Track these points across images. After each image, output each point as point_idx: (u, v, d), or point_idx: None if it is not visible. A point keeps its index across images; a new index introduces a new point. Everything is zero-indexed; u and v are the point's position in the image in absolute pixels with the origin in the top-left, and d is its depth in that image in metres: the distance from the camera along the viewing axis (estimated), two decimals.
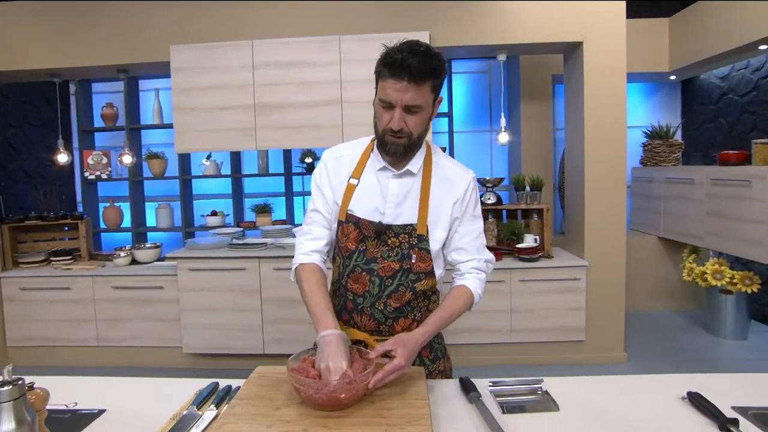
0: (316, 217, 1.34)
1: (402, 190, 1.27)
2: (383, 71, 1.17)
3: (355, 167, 1.31)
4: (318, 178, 1.34)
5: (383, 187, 1.28)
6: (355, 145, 1.36)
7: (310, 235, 1.33)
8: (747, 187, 3.28)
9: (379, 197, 1.28)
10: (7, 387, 0.84)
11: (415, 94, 1.15)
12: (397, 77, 1.13)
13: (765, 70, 3.86)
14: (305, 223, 1.37)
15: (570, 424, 1.07)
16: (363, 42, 3.22)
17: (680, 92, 4.85)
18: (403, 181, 1.28)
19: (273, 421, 1.01)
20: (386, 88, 1.16)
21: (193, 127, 3.30)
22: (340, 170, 1.32)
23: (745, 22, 3.41)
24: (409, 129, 1.19)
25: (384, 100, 1.18)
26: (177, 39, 3.28)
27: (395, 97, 1.15)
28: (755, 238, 3.24)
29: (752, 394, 1.19)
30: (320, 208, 1.33)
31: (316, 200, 1.34)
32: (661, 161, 4.45)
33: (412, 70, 1.11)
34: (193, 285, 3.29)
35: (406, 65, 1.11)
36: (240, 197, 4.58)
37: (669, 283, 4.49)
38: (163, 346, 3.42)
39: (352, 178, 1.30)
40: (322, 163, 1.35)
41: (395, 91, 1.15)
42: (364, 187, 1.29)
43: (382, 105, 1.19)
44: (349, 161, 1.32)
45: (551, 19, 3.18)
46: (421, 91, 1.15)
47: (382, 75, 1.17)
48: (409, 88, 1.14)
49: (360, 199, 1.28)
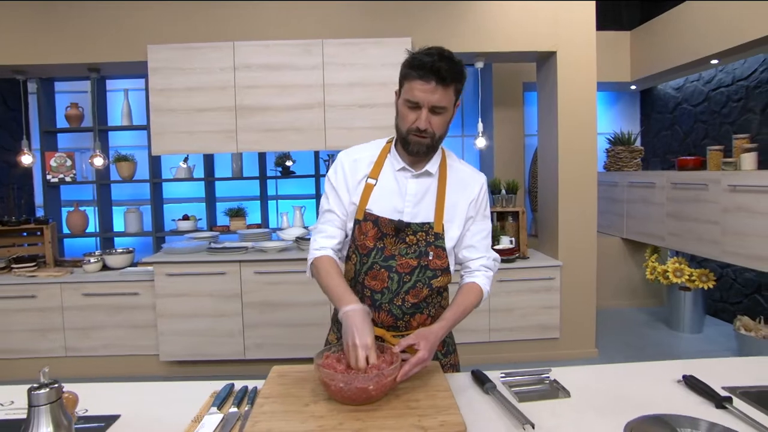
0: (330, 216, 1.36)
1: (420, 190, 1.32)
2: (411, 73, 1.20)
3: (372, 168, 1.34)
4: (333, 179, 1.36)
5: (402, 187, 1.32)
6: (371, 147, 1.39)
7: (324, 233, 1.35)
8: (704, 191, 3.53)
9: (398, 197, 1.31)
10: (44, 390, 0.82)
11: (441, 96, 1.20)
12: (425, 79, 1.18)
13: (715, 83, 4.17)
14: (319, 222, 1.39)
15: (584, 407, 1.14)
16: (346, 46, 3.25)
17: (639, 101, 5.14)
18: (421, 181, 1.32)
19: (305, 417, 1.02)
20: (414, 89, 1.20)
21: (171, 129, 3.22)
22: (357, 171, 1.34)
23: (699, 38, 3.68)
24: (433, 129, 1.24)
25: (411, 101, 1.22)
26: (154, 39, 3.20)
27: (423, 98, 1.19)
28: (711, 237, 3.49)
29: (738, 375, 1.30)
30: (335, 208, 1.35)
31: (331, 200, 1.36)
32: (624, 166, 4.70)
33: (442, 73, 1.17)
34: (171, 290, 3.20)
35: (435, 68, 1.16)
36: (213, 201, 4.49)
37: (632, 281, 4.74)
38: (138, 354, 3.31)
39: (370, 178, 1.33)
40: (339, 164, 1.37)
41: (423, 92, 1.19)
42: (382, 187, 1.32)
43: (408, 105, 1.23)
44: (366, 162, 1.35)
45: (527, 29, 3.32)
46: (447, 94, 1.21)
47: (410, 77, 1.21)
48: (437, 89, 1.18)
49: (379, 198, 1.31)
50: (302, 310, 3.27)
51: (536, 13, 3.32)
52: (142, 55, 3.20)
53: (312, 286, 3.19)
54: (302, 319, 3.28)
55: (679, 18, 3.90)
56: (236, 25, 3.25)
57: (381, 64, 3.25)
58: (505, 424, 1.07)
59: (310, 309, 3.27)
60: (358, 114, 3.30)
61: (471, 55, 3.44)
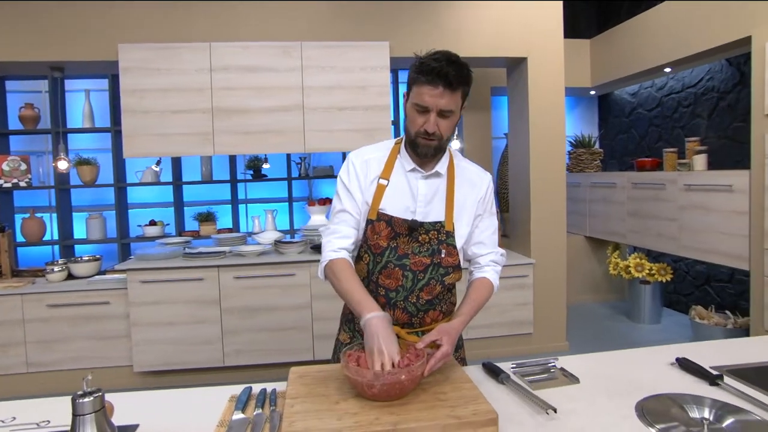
0: (344, 216, 1.37)
1: (430, 190, 1.35)
2: (419, 78, 1.23)
3: (383, 168, 1.36)
4: (346, 179, 1.38)
5: (413, 188, 1.35)
6: (380, 148, 1.41)
7: (338, 233, 1.36)
8: (661, 190, 3.77)
9: (409, 197, 1.34)
10: (89, 398, 0.79)
11: (449, 100, 1.23)
12: (433, 84, 1.20)
13: (666, 89, 4.46)
14: (332, 222, 1.39)
15: (594, 392, 1.22)
16: (325, 49, 3.26)
17: (597, 106, 5.42)
18: (431, 181, 1.36)
19: (339, 414, 1.03)
20: (423, 93, 1.23)
21: (144, 131, 3.11)
22: (369, 172, 1.36)
23: (654, 47, 3.93)
24: (441, 132, 1.27)
25: (420, 105, 1.24)
26: (125, 37, 3.09)
27: (431, 102, 1.22)
28: (669, 234, 3.74)
29: (722, 356, 1.42)
30: (349, 208, 1.36)
31: (344, 201, 1.37)
32: (585, 168, 4.95)
33: (449, 78, 1.20)
34: (146, 298, 3.08)
35: (443, 73, 1.19)
36: (181, 205, 4.36)
37: (594, 277, 4.98)
38: (110, 366, 3.16)
39: (382, 179, 1.35)
40: (350, 165, 1.39)
41: (431, 96, 1.22)
42: (394, 187, 1.35)
43: (417, 110, 1.26)
44: (377, 163, 1.37)
45: (501, 35, 3.44)
46: (454, 98, 1.24)
47: (418, 81, 1.23)
48: (445, 94, 1.21)
49: (391, 198, 1.34)
50: (283, 314, 3.24)
51: (509, 20, 3.45)
52: (112, 54, 3.08)
53: (293, 289, 3.21)
54: (283, 323, 3.24)
55: (635, 28, 4.15)
56: (212, 26, 3.19)
57: (360, 68, 3.28)
58: (527, 411, 1.13)
59: (290, 313, 3.24)
60: (338, 117, 3.31)
61: None
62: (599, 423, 1.07)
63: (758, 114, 2.98)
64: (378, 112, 3.35)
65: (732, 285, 3.94)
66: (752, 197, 3.04)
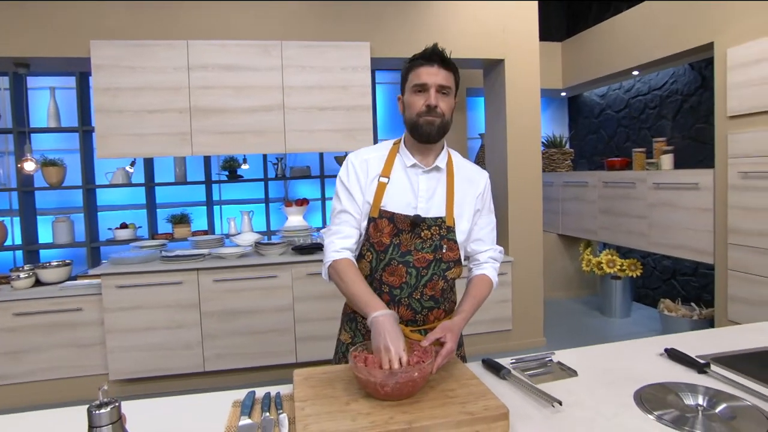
0: (345, 217, 1.37)
1: (431, 186, 1.37)
2: (415, 62, 1.32)
3: (383, 167, 1.37)
4: (346, 180, 1.38)
5: (414, 184, 1.36)
6: (379, 148, 1.42)
7: (340, 234, 1.36)
8: (632, 188, 3.92)
9: (411, 193, 1.36)
10: (106, 409, 0.77)
11: (445, 77, 1.30)
12: (429, 62, 1.29)
13: (634, 92, 4.64)
14: (333, 223, 1.39)
15: (592, 383, 1.26)
16: (305, 48, 3.23)
17: (567, 107, 5.59)
18: (432, 177, 1.38)
19: (353, 415, 1.03)
20: (420, 73, 1.30)
21: (119, 131, 3.01)
22: (368, 171, 1.37)
23: (623, 51, 4.09)
24: (442, 109, 1.30)
25: (418, 84, 1.30)
26: (98, 34, 2.97)
27: (430, 79, 1.28)
28: (639, 230, 3.89)
29: (706, 345, 1.49)
30: (349, 208, 1.37)
31: (345, 201, 1.37)
32: (557, 167, 5.09)
33: (443, 57, 1.30)
34: (122, 303, 2.98)
35: (437, 53, 1.30)
36: (153, 208, 4.23)
37: (567, 274, 5.13)
38: (83, 376, 3.04)
39: (382, 177, 1.36)
40: (349, 165, 1.39)
41: (429, 74, 1.29)
42: (395, 185, 1.36)
43: (416, 90, 1.31)
44: (376, 162, 1.38)
45: (479, 37, 3.50)
46: (449, 77, 1.31)
47: (414, 65, 1.31)
48: (440, 71, 1.29)
49: (392, 195, 1.35)
50: (264, 316, 3.19)
51: (487, 22, 3.51)
52: (82, 50, 2.96)
53: (274, 291, 3.17)
54: (265, 326, 3.20)
55: (604, 33, 4.30)
56: (190, 23, 3.11)
57: (341, 68, 3.27)
58: (532, 405, 1.15)
59: (272, 315, 3.20)
60: (319, 117, 3.29)
61: None
62: (602, 413, 1.10)
63: (721, 116, 3.14)
64: (359, 112, 3.35)
65: (696, 278, 4.14)
66: (716, 195, 3.20)
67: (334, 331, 3.24)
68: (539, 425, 1.07)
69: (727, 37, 3.08)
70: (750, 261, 2.95)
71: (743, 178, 2.95)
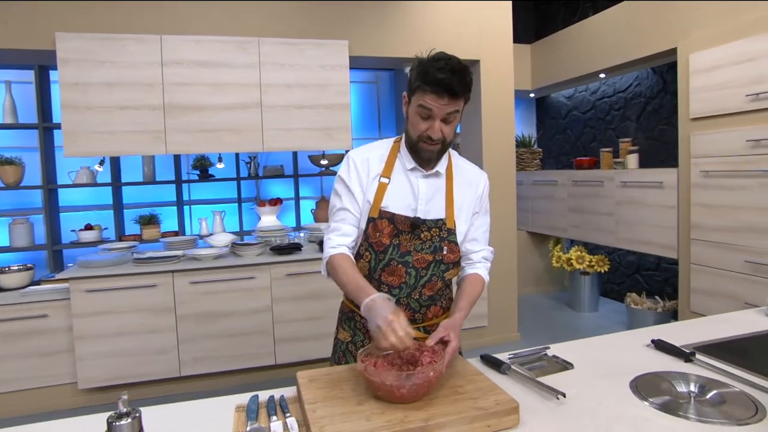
0: (344, 215, 1.36)
1: (431, 189, 1.38)
2: (424, 87, 1.22)
3: (384, 167, 1.37)
4: (347, 177, 1.37)
5: (414, 186, 1.36)
6: (379, 146, 1.41)
7: (338, 231, 1.35)
8: (600, 186, 4.07)
9: (411, 195, 1.36)
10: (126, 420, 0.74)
11: (454, 107, 1.25)
12: (438, 95, 1.21)
13: (599, 93, 4.82)
14: (333, 221, 1.38)
15: (589, 375, 1.30)
16: (283, 46, 3.18)
17: (535, 108, 5.74)
18: (431, 180, 1.38)
19: (367, 415, 1.03)
20: (427, 101, 1.23)
21: (88, 128, 2.87)
22: (369, 170, 1.36)
23: (590, 54, 4.24)
24: (444, 136, 1.29)
25: (424, 107, 1.24)
26: (63, 25, 2.82)
27: (436, 110, 1.23)
28: (607, 227, 4.05)
29: (689, 335, 1.57)
30: (349, 206, 1.36)
31: (344, 199, 1.36)
32: (526, 166, 5.22)
33: (455, 89, 1.21)
34: (92, 308, 2.85)
35: (450, 86, 1.20)
36: (120, 208, 4.06)
37: (537, 270, 5.28)
38: (50, 386, 2.89)
39: (383, 177, 1.35)
40: (350, 163, 1.38)
41: (437, 106, 1.23)
42: (395, 186, 1.36)
43: (421, 115, 1.26)
44: (377, 161, 1.37)
45: (455, 38, 3.55)
46: (458, 104, 1.26)
47: (422, 89, 1.23)
48: (450, 102, 1.23)
49: (393, 196, 1.35)
50: (242, 318, 3.13)
51: (463, 23, 3.57)
52: (46, 43, 2.80)
53: (252, 293, 3.11)
54: (243, 328, 3.13)
55: (573, 37, 4.44)
56: (163, 18, 3.00)
57: (320, 66, 3.24)
58: (536, 398, 1.18)
59: (250, 317, 3.14)
60: (297, 115, 3.25)
61: (402, 60, 3.57)
62: (604, 402, 1.15)
63: (684, 118, 3.30)
64: (338, 111, 3.33)
65: (659, 273, 4.34)
66: (680, 193, 3.37)
67: (314, 332, 3.25)
68: (546, 417, 1.09)
69: (690, 43, 3.25)
70: (711, 255, 3.12)
71: (705, 177, 3.12)
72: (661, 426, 1.04)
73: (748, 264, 2.88)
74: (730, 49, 2.92)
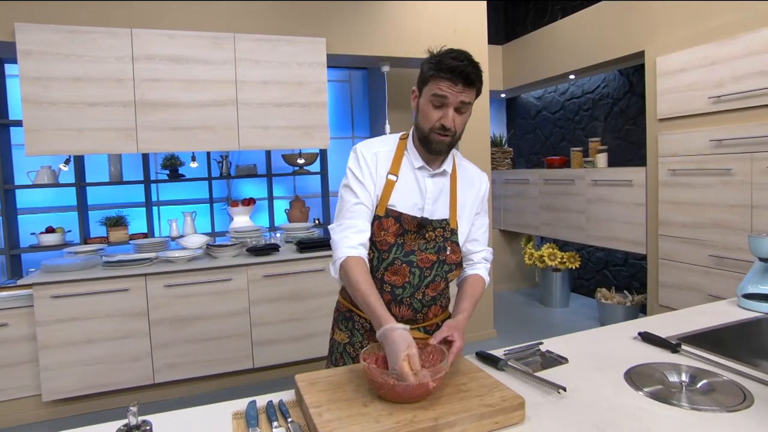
0: (360, 209, 1.30)
1: (437, 188, 1.36)
2: (439, 74, 1.22)
3: (392, 164, 1.34)
4: (358, 171, 1.33)
5: (421, 185, 1.35)
6: (386, 142, 1.38)
7: (355, 228, 1.29)
8: (571, 185, 4.18)
9: (418, 194, 1.34)
10: None
11: (468, 95, 1.24)
12: (453, 81, 1.21)
13: (568, 94, 4.96)
14: (347, 217, 1.31)
15: (583, 368, 1.33)
16: (259, 42, 3.11)
17: (506, 108, 5.84)
18: (438, 180, 1.37)
19: (375, 416, 1.01)
20: (442, 87, 1.21)
21: (52, 125, 2.71)
22: (379, 165, 1.33)
23: (560, 56, 4.35)
24: (455, 128, 1.27)
25: (438, 95, 1.22)
26: (23, 16, 2.66)
27: (452, 96, 1.22)
28: (578, 224, 4.16)
29: (672, 327, 1.63)
30: (364, 200, 1.31)
31: (359, 193, 1.31)
32: (498, 165, 5.31)
33: (471, 77, 1.21)
34: (58, 315, 2.70)
35: (465, 73, 1.20)
36: (85, 210, 3.87)
37: (509, 268, 5.37)
38: (10, 399, 2.72)
39: (391, 174, 1.33)
40: (360, 157, 1.34)
41: (452, 93, 1.22)
42: (403, 184, 1.33)
43: (434, 103, 1.24)
44: (385, 157, 1.35)
45: (431, 38, 3.56)
46: (471, 93, 1.25)
47: (437, 77, 1.22)
48: (464, 90, 1.22)
49: (400, 195, 1.32)
50: (218, 321, 3.04)
51: (439, 24, 3.59)
52: (4, 34, 2.63)
53: (229, 295, 3.04)
54: (219, 331, 3.05)
55: (543, 39, 4.55)
56: (133, 11, 2.88)
57: (297, 63, 3.19)
58: (536, 393, 1.20)
59: (227, 320, 3.06)
60: (274, 113, 3.18)
61: (379, 58, 3.56)
62: (601, 394, 1.17)
63: (651, 119, 3.43)
64: (315, 109, 3.29)
65: (626, 268, 4.50)
66: (648, 191, 3.50)
67: (293, 334, 3.20)
68: (550, 411, 1.11)
69: (657, 46, 3.38)
70: (678, 250, 3.26)
71: (672, 176, 3.25)
72: (658, 415, 1.07)
73: (712, 258, 3.02)
74: (695, 53, 3.05)
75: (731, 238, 2.90)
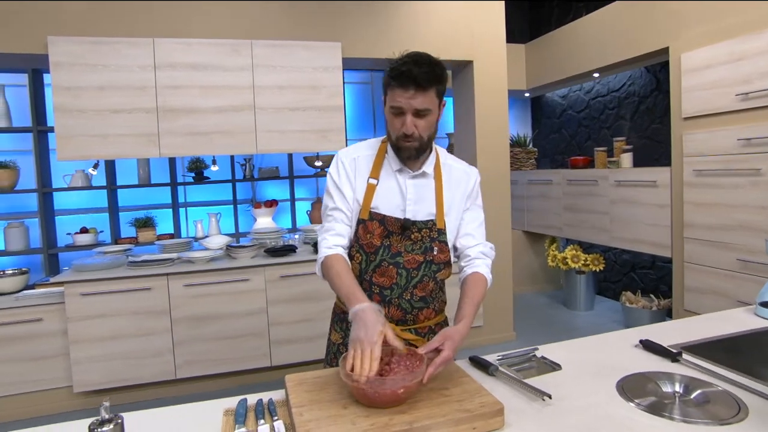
0: (337, 215, 1.36)
1: (419, 189, 1.38)
2: (391, 83, 1.25)
3: (372, 168, 1.37)
4: (336, 177, 1.37)
5: (402, 187, 1.37)
6: (368, 146, 1.42)
7: (332, 231, 1.36)
8: (594, 185, 4.08)
9: (399, 196, 1.37)
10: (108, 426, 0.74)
11: (422, 100, 1.24)
12: (404, 87, 1.22)
13: (593, 93, 4.83)
14: (326, 221, 1.38)
15: (577, 376, 1.31)
16: (275, 48, 3.18)
17: (530, 107, 5.75)
18: (419, 181, 1.39)
19: (352, 418, 1.03)
20: (396, 96, 1.24)
21: (81, 132, 2.87)
22: (358, 170, 1.37)
23: (584, 54, 4.25)
24: (419, 132, 1.28)
25: (394, 107, 1.26)
26: (55, 29, 2.82)
27: (405, 104, 1.24)
28: (601, 226, 4.06)
29: (675, 335, 1.58)
30: (341, 206, 1.36)
31: (336, 199, 1.37)
32: (521, 166, 5.23)
33: (419, 80, 1.21)
34: (87, 312, 2.85)
35: (412, 76, 1.20)
36: (116, 211, 4.06)
37: (532, 269, 5.29)
38: (44, 390, 2.89)
39: (372, 178, 1.36)
40: (339, 163, 1.38)
41: (404, 99, 1.23)
42: (384, 187, 1.36)
43: (393, 113, 1.28)
44: (365, 162, 1.38)
45: (448, 39, 3.56)
46: (428, 97, 1.24)
47: (391, 86, 1.25)
48: (417, 95, 1.22)
49: (382, 197, 1.35)
50: (237, 321, 3.14)
51: (456, 24, 3.57)
52: (38, 47, 2.80)
53: (247, 295, 3.12)
54: (237, 330, 3.14)
55: (567, 36, 4.45)
56: (155, 21, 3.00)
57: (312, 68, 3.25)
58: (523, 399, 1.19)
59: (245, 319, 3.15)
60: (290, 117, 3.25)
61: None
62: (590, 403, 1.15)
63: (676, 117, 3.31)
64: (331, 112, 3.34)
65: (653, 271, 4.36)
66: (673, 191, 3.38)
67: (309, 334, 3.26)
68: (532, 418, 1.10)
69: (681, 42, 3.26)
70: (703, 253, 3.14)
71: (697, 176, 3.13)
72: (645, 426, 1.05)
73: (739, 262, 2.90)
74: (721, 48, 2.93)
75: (759, 242, 2.77)
